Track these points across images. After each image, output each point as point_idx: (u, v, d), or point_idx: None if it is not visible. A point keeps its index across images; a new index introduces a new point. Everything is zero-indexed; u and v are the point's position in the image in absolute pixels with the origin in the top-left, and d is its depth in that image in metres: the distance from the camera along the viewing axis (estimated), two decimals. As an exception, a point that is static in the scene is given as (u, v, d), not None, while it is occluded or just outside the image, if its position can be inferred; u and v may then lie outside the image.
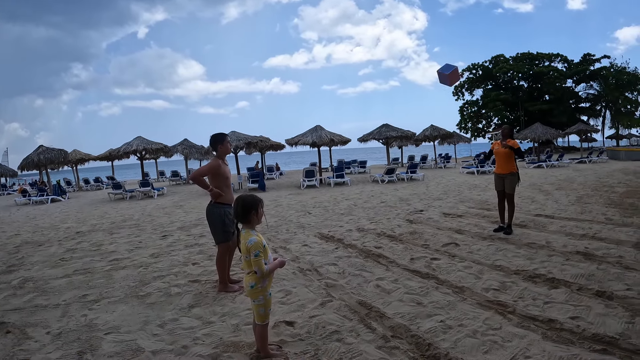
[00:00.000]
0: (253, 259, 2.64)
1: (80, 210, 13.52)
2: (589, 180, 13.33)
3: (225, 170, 4.42)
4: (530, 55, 44.18)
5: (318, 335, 3.20)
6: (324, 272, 4.91)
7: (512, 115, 43.93)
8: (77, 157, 24.91)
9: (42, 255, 6.85)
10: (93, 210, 13.09)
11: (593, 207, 8.23)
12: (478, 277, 4.37)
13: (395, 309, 3.65)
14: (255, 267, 2.66)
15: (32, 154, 18.72)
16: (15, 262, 6.47)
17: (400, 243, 6.15)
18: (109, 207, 13.66)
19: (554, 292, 3.81)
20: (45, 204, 16.53)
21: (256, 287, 2.74)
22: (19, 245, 7.92)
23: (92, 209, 13.69)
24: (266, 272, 2.67)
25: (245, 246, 2.67)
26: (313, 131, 18.27)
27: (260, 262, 2.64)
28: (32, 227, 10.20)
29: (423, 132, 24.47)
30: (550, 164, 20.74)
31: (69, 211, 13.38)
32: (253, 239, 2.66)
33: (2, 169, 27.73)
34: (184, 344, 3.22)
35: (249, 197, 2.80)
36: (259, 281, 2.73)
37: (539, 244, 5.52)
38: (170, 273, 5.28)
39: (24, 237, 8.79)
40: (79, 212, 12.81)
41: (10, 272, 5.84)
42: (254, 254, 2.64)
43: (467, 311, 3.50)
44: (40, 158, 18.31)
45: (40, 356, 3.16)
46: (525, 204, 9.11)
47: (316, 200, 12.03)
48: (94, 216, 11.64)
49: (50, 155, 18.56)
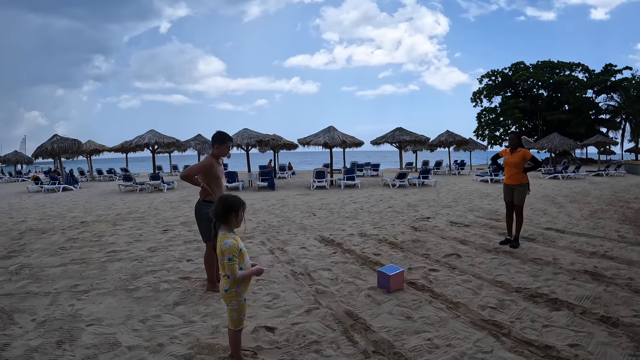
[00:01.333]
0: (226, 263, 2.53)
1: (89, 200, 13.65)
2: (605, 194, 12.90)
3: (217, 170, 4.34)
4: (550, 64, 43.21)
5: (297, 344, 3.08)
6: (317, 277, 4.78)
7: (530, 124, 43.05)
8: (92, 147, 25.24)
9: (43, 242, 6.89)
10: (101, 201, 13.21)
11: (606, 222, 7.90)
12: (476, 292, 4.17)
13: (382, 322, 3.49)
14: (227, 272, 2.55)
15: (46, 143, 19.00)
16: (16, 248, 6.53)
17: (401, 251, 5.99)
18: (117, 199, 13.77)
19: (555, 315, 3.57)
20: (57, 192, 16.75)
21: (230, 292, 2.63)
22: (24, 231, 8.00)
23: (101, 199, 13.82)
24: (239, 278, 2.56)
25: (220, 248, 2.56)
26: (326, 132, 18.12)
27: (233, 267, 2.53)
28: (40, 215, 10.32)
29: (438, 138, 24.13)
30: (566, 176, 20.22)
31: (78, 200, 13.54)
32: (228, 242, 2.55)
33: (18, 156, 28.38)
34: (160, 341, 3.17)
35: (231, 197, 2.70)
36: (233, 285, 2.62)
37: (545, 260, 5.28)
38: (163, 268, 5.24)
39: (29, 224, 8.88)
40: (87, 202, 12.93)
41: (9, 258, 5.88)
42: (227, 258, 2.53)
43: (459, 330, 3.31)
44: (54, 147, 18.56)
45: (20, 342, 3.21)
46: (536, 216, 8.82)
47: (323, 202, 11.92)
48: (101, 207, 11.74)
49: (64, 144, 18.82)
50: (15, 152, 29.25)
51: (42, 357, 2.99)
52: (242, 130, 18.43)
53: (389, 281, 4.20)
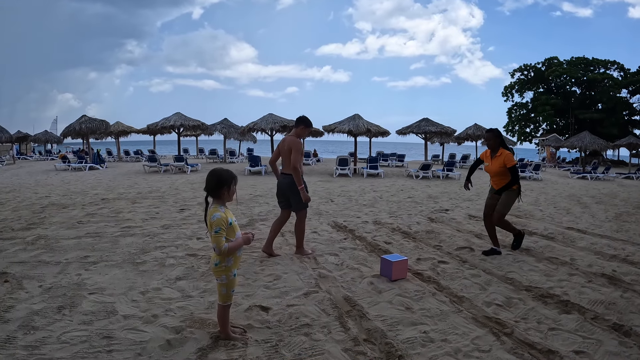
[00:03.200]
0: (213, 235, 2.50)
1: (113, 179, 14.02)
2: (633, 197, 12.28)
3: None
4: (585, 60, 41.30)
5: (287, 326, 3.04)
6: (322, 261, 4.73)
7: (561, 121, 41.49)
8: (120, 128, 25.89)
9: (62, 216, 7.11)
10: (125, 180, 13.55)
11: (631, 226, 7.50)
12: (483, 288, 4.00)
13: (379, 310, 3.40)
14: (213, 244, 2.52)
15: (75, 123, 19.54)
16: (36, 220, 6.75)
17: (413, 241, 5.86)
18: (141, 179, 14.10)
19: (564, 318, 3.35)
20: (83, 171, 17.24)
21: (220, 266, 2.61)
22: (46, 206, 8.27)
23: (124, 178, 14.17)
24: (224, 250, 2.52)
25: (209, 221, 2.54)
26: (351, 119, 17.94)
27: (218, 239, 2.50)
28: (64, 191, 10.64)
29: (466, 131, 23.58)
30: (595, 176, 19.44)
31: (103, 179, 13.93)
32: (217, 215, 2.52)
33: (48, 135, 29.42)
34: (155, 313, 3.21)
35: (223, 171, 2.66)
36: (222, 259, 2.59)
37: (562, 260, 5.03)
38: (172, 245, 5.32)
39: (52, 199, 9.17)
40: (111, 181, 13.28)
41: (28, 229, 6.09)
42: (214, 230, 2.50)
43: (458, 325, 3.17)
44: (82, 127, 19.09)
45: (24, 305, 3.33)
46: (559, 214, 8.50)
47: (343, 189, 11.87)
48: (124, 185, 12.04)
49: (92, 125, 19.32)
50: (46, 132, 30.28)
51: (42, 319, 3.08)
52: (267, 115, 18.44)
53: (391, 269, 4.11)
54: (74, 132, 19.42)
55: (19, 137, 25.57)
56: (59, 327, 2.95)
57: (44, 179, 14.06)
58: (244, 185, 12.61)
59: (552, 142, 32.12)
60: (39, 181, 13.22)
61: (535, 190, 13.26)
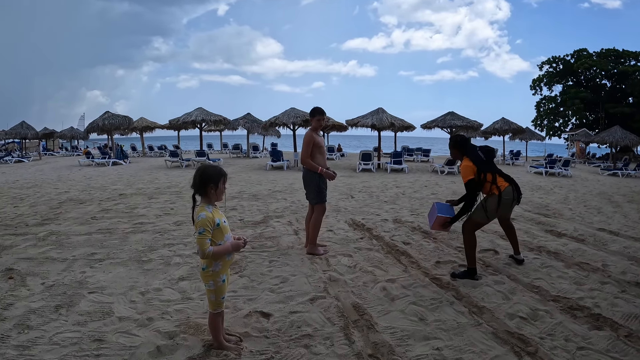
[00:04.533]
0: (196, 237, 2.31)
1: (135, 174, 14.16)
2: (668, 196, 11.50)
3: (318, 140, 4.83)
4: (615, 52, 39.18)
5: (287, 336, 2.82)
6: (334, 263, 4.50)
7: (591, 116, 39.72)
8: (143, 124, 26.29)
9: (78, 212, 7.13)
10: (146, 175, 13.66)
11: (670, 228, 6.94)
12: (507, 297, 3.64)
13: (390, 321, 3.13)
14: (197, 246, 2.32)
15: (98, 119, 19.84)
16: (51, 216, 6.79)
17: (433, 242, 5.54)
18: (161, 174, 14.20)
19: (595, 335, 2.97)
20: (106, 166, 17.53)
21: (207, 270, 2.42)
22: (63, 201, 8.33)
23: (146, 174, 14.30)
24: (208, 254, 2.31)
25: (195, 221, 2.34)
26: (374, 113, 17.56)
27: (202, 241, 2.30)
28: (83, 187, 10.75)
29: (493, 125, 22.82)
30: (626, 173, 18.44)
31: (124, 174, 14.06)
32: (203, 214, 2.32)
33: (74, 132, 30.17)
34: (151, 315, 3.08)
35: (210, 168, 2.45)
36: (209, 264, 2.40)
37: (593, 266, 4.62)
38: (181, 242, 5.22)
39: (71, 195, 9.26)
40: (132, 176, 13.40)
41: (42, 225, 6.12)
42: (198, 231, 2.31)
43: (477, 341, 2.85)
44: (105, 123, 19.35)
45: (23, 303, 3.28)
46: (590, 214, 7.98)
47: (365, 185, 11.60)
48: (144, 180, 12.12)
49: (115, 121, 19.57)
50: (71, 128, 31.04)
51: (38, 318, 3.01)
52: (289, 109, 18.28)
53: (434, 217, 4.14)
54: (97, 128, 19.77)
55: (46, 134, 26.32)
56: (53, 328, 2.87)
57: (67, 174, 14.32)
58: (263, 180, 12.50)
59: (582, 137, 30.81)
60: (62, 177, 13.45)
61: (565, 187, 12.61)
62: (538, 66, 43.82)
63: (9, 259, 4.41)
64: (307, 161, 4.75)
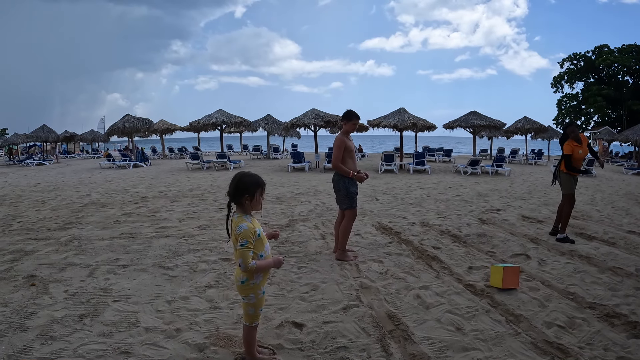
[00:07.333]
0: (239, 249, 2.18)
1: (156, 176, 14.24)
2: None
3: (349, 145, 4.70)
4: (637, 48, 38.11)
5: (322, 347, 2.67)
6: (365, 269, 4.33)
7: (613, 113, 38.55)
8: (163, 126, 26.53)
9: (100, 216, 7.12)
10: (167, 178, 13.71)
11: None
12: (543, 305, 3.44)
13: (427, 331, 2.96)
14: (239, 259, 2.19)
15: (118, 122, 20.08)
16: (73, 220, 6.79)
17: (464, 246, 5.33)
18: (183, 176, 14.23)
19: (633, 344, 2.80)
20: (127, 169, 17.70)
21: (247, 284, 2.29)
22: (85, 205, 8.36)
23: (167, 176, 14.36)
24: (251, 268, 2.19)
25: (234, 233, 2.21)
26: (396, 114, 17.34)
27: (245, 254, 2.17)
28: (105, 190, 10.82)
29: (515, 124, 22.31)
30: (652, 172, 17.78)
31: (145, 177, 14.15)
32: (243, 226, 2.18)
33: (94, 134, 30.72)
34: (179, 326, 2.96)
35: (247, 177, 2.30)
36: (250, 277, 2.27)
37: (627, 271, 4.35)
38: (206, 247, 5.11)
39: (93, 198, 9.31)
40: (153, 179, 13.47)
41: (64, 229, 6.11)
42: (240, 244, 2.17)
43: (516, 351, 2.67)
44: (126, 126, 19.57)
45: (46, 312, 3.21)
46: (618, 216, 7.63)
47: (389, 187, 11.40)
48: (165, 183, 12.15)
49: (135, 123, 19.77)
50: (92, 131, 31.65)
51: (61, 329, 2.92)
52: (310, 110, 18.17)
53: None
54: (118, 131, 20.01)
55: (66, 137, 26.81)
56: (77, 339, 2.78)
57: (88, 177, 14.46)
58: (286, 182, 12.41)
59: (605, 135, 29.83)
60: (83, 179, 13.59)
61: (590, 187, 12.17)
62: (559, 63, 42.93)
63: (30, 265, 4.37)
64: (339, 166, 4.63)
